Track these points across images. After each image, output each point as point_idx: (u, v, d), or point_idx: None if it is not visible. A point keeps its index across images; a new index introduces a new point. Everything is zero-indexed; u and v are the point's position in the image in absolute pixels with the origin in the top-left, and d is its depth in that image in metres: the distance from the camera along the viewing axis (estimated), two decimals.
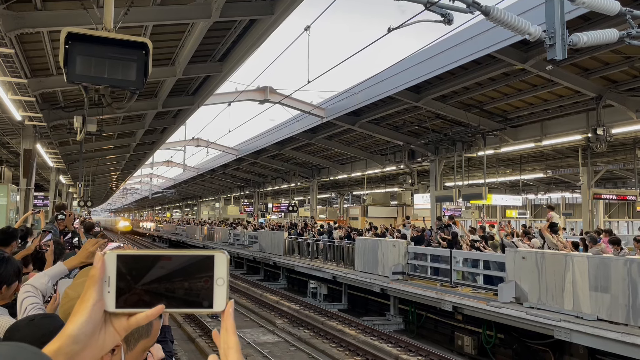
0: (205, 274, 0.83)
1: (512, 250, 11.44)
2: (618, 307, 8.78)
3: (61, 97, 13.86)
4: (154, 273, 0.82)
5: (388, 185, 36.10)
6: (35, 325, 1.58)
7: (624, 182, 31.58)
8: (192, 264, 0.83)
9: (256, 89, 18.78)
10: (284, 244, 23.68)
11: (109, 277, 0.82)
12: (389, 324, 14.74)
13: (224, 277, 0.83)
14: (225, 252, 0.85)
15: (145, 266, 0.82)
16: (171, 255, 0.83)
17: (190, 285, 0.83)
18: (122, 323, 0.84)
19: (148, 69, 3.95)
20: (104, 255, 0.83)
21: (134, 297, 0.82)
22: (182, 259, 0.83)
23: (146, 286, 0.82)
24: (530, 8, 10.16)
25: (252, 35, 10.93)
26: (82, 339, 0.79)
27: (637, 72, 13.32)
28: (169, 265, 0.82)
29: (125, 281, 0.82)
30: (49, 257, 3.63)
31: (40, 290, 2.31)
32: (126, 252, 0.84)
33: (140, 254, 0.83)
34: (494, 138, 18.61)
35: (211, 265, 0.83)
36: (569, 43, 5.90)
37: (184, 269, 0.83)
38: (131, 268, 0.82)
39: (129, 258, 0.83)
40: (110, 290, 0.82)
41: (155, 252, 0.83)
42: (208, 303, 0.83)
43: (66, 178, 29.73)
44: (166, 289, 0.82)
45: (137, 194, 68.85)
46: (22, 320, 1.66)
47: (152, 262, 0.82)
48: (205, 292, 0.83)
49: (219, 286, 0.83)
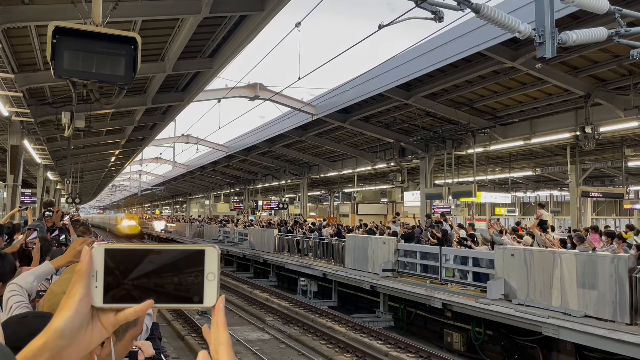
0: (195, 268, 0.81)
1: (501, 248, 11.50)
2: (605, 304, 8.86)
3: (49, 93, 13.72)
4: (142, 268, 0.80)
5: (378, 182, 36.17)
6: (25, 323, 1.56)
7: (612, 180, 31.90)
8: (182, 258, 0.81)
9: (246, 86, 18.72)
10: (274, 242, 23.63)
11: (97, 272, 0.80)
12: (379, 321, 14.77)
13: (215, 272, 0.82)
14: (216, 246, 0.83)
15: (133, 261, 0.80)
16: (161, 250, 0.81)
17: (180, 280, 0.81)
18: (109, 318, 0.82)
19: (137, 64, 3.91)
20: (92, 249, 0.81)
21: (122, 292, 0.80)
22: (172, 253, 0.81)
23: (135, 281, 0.80)
24: (520, 6, 10.21)
25: (243, 31, 10.88)
26: (68, 335, 0.77)
27: (625, 71, 13.44)
28: (158, 260, 0.80)
29: (113, 276, 0.80)
30: (36, 255, 3.60)
31: (25, 289, 2.30)
32: (114, 246, 0.82)
33: (129, 247, 0.82)
34: (483, 136, 18.72)
35: (202, 260, 0.81)
36: (559, 41, 5.93)
37: (173, 263, 0.81)
38: (119, 263, 0.80)
39: (117, 252, 0.81)
40: (98, 285, 0.80)
41: (145, 247, 0.81)
42: (198, 298, 0.81)
43: (54, 174, 29.45)
44: (155, 284, 0.80)
45: (126, 190, 68.41)
46: (14, 317, 1.65)
47: (141, 256, 0.80)
48: (195, 287, 0.81)
49: (210, 281, 0.81)
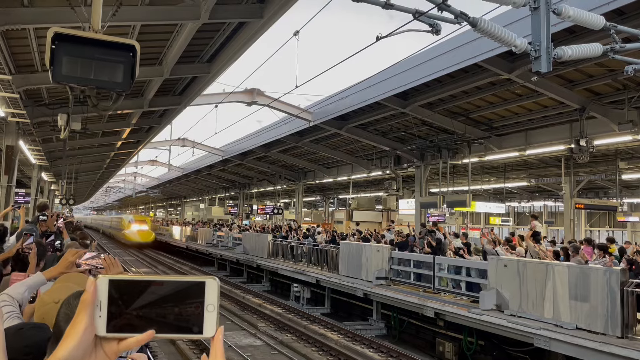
0: (196, 299, 0.84)
1: (494, 258, 11.53)
2: (597, 317, 8.89)
3: (46, 94, 13.70)
4: (145, 298, 0.83)
5: (373, 189, 36.23)
6: (22, 335, 1.58)
7: (606, 192, 32.07)
8: (183, 289, 0.84)
9: (244, 91, 18.75)
10: (268, 247, 23.59)
11: (101, 302, 0.83)
12: (371, 329, 14.75)
13: (215, 304, 0.84)
14: (216, 278, 0.86)
15: (136, 291, 0.83)
16: (163, 281, 0.84)
17: (181, 310, 0.83)
18: (112, 347, 0.84)
19: (135, 71, 3.93)
20: (97, 279, 0.84)
21: (124, 321, 0.83)
22: (174, 284, 0.84)
23: (137, 311, 0.83)
24: (516, 19, 10.28)
25: (241, 37, 10.92)
26: None
27: (620, 85, 13.56)
28: (160, 291, 0.83)
29: (116, 306, 0.83)
30: (32, 260, 3.60)
31: (17, 300, 2.32)
32: (118, 277, 0.85)
33: (133, 279, 0.85)
34: (479, 146, 18.81)
35: (202, 292, 0.84)
36: (554, 56, 5.98)
37: (175, 294, 0.83)
38: (123, 293, 0.83)
39: (121, 283, 0.84)
40: (102, 314, 0.83)
41: (147, 278, 0.84)
42: (198, 329, 0.84)
43: (48, 175, 29.34)
44: (157, 314, 0.83)
45: (121, 192, 68.18)
46: (11, 328, 1.66)
47: (144, 287, 0.83)
48: (195, 318, 0.84)
49: (210, 312, 0.84)
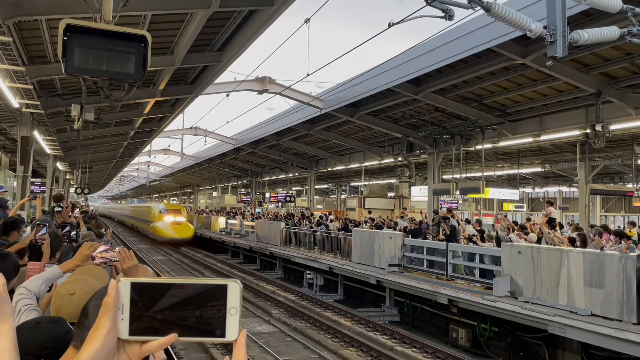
0: (217, 302, 0.84)
1: (508, 245, 11.48)
2: (612, 303, 8.83)
3: (59, 85, 13.79)
4: (166, 301, 0.83)
5: (386, 177, 36.09)
6: (39, 329, 1.60)
7: (621, 177, 31.64)
8: (204, 292, 0.84)
9: (255, 79, 18.69)
10: (281, 234, 23.70)
11: (123, 305, 0.83)
12: (385, 316, 14.81)
13: (237, 307, 0.84)
14: (238, 281, 0.85)
15: (158, 294, 0.83)
16: (184, 284, 0.84)
17: (202, 313, 0.83)
18: (135, 350, 0.85)
19: (147, 61, 3.94)
20: (118, 282, 0.84)
21: (146, 324, 0.83)
22: (195, 287, 0.84)
23: (159, 314, 0.83)
24: (531, 3, 10.12)
25: (252, 25, 10.87)
26: None
27: (637, 69, 13.31)
28: (181, 294, 0.83)
29: (138, 308, 0.83)
30: (46, 250, 3.66)
31: (34, 292, 2.37)
32: (140, 280, 0.85)
33: (154, 282, 0.85)
34: (492, 132, 18.62)
35: (224, 294, 0.84)
36: (570, 40, 5.88)
37: (196, 297, 0.83)
38: (144, 295, 0.83)
39: (143, 286, 0.84)
40: (124, 317, 0.83)
41: (169, 280, 0.84)
42: (220, 332, 0.83)
43: (63, 165, 29.67)
44: (178, 317, 0.83)
45: (135, 181, 68.75)
46: (28, 323, 1.69)
47: (165, 289, 0.83)
48: (217, 321, 0.83)
49: (232, 315, 0.83)
